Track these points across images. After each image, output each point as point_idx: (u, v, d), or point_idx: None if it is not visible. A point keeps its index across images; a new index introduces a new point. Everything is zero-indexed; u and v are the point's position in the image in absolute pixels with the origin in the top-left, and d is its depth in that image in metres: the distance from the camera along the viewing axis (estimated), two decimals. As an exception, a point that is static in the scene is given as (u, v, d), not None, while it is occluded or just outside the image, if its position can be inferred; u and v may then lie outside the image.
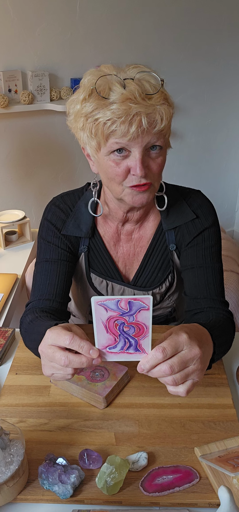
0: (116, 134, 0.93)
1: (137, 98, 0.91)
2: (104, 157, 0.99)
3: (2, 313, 1.40)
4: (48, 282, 1.12)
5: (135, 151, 0.95)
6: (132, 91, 0.91)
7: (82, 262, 1.19)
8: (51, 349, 0.80)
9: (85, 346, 0.77)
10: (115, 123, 0.92)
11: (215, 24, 2.93)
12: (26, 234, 1.94)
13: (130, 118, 0.91)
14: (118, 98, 0.91)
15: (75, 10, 2.45)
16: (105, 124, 0.93)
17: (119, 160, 0.97)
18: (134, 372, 1.05)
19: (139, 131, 0.92)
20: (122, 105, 0.90)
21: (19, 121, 2.47)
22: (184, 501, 0.77)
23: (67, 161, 2.71)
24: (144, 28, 2.69)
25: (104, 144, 0.96)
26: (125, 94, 0.91)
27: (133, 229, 1.17)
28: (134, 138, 0.93)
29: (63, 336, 0.78)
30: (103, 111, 0.93)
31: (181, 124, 3.07)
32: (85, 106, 0.96)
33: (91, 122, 0.96)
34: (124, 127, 0.91)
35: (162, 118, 0.94)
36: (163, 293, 1.22)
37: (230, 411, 0.95)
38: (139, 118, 0.91)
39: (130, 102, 0.91)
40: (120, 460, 0.79)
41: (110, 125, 0.93)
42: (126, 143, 0.94)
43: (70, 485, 0.77)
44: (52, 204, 1.19)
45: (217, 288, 1.12)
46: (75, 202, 1.18)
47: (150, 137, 0.94)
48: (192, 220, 1.14)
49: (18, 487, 0.78)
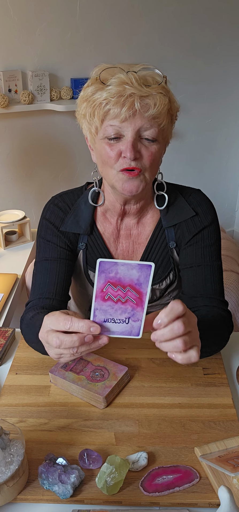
0: (109, 115, 0.98)
1: (133, 83, 0.95)
2: (100, 140, 1.02)
3: (2, 313, 1.40)
4: (48, 281, 1.12)
5: (127, 134, 0.98)
6: (130, 77, 0.95)
7: (80, 259, 1.20)
8: (47, 333, 0.81)
9: (85, 326, 0.77)
10: (110, 103, 0.96)
11: (215, 24, 2.93)
12: (26, 234, 1.94)
13: (123, 99, 0.95)
14: (115, 82, 0.96)
15: (75, 10, 2.45)
16: (101, 104, 0.98)
17: (113, 143, 1.00)
18: (134, 372, 1.05)
19: (130, 112, 0.96)
20: (117, 86, 0.95)
21: (19, 121, 2.47)
22: (184, 501, 0.77)
23: (67, 161, 2.71)
24: (144, 28, 2.69)
25: (100, 126, 1.01)
26: (122, 78, 0.95)
27: (132, 225, 1.17)
28: (126, 119, 0.97)
29: (62, 320, 0.79)
30: (100, 93, 0.98)
31: (181, 124, 3.06)
32: (86, 91, 1.01)
33: (90, 105, 1.00)
34: (116, 107, 0.96)
35: (155, 104, 0.97)
36: (163, 290, 1.22)
37: (230, 411, 0.95)
38: (132, 99, 0.95)
39: (125, 85, 0.95)
40: (120, 460, 0.79)
41: (104, 105, 0.97)
42: (119, 125, 0.98)
43: (70, 485, 0.77)
44: (51, 203, 1.19)
45: (215, 286, 1.11)
46: (74, 201, 1.18)
47: (143, 122, 0.97)
48: (192, 218, 1.15)
49: (18, 487, 0.78)
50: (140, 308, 0.78)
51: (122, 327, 0.79)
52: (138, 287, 0.77)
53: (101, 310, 0.78)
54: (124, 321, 0.79)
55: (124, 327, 0.79)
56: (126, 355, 1.10)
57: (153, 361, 1.09)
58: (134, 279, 0.76)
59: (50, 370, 1.02)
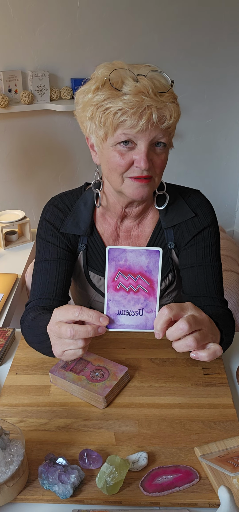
0: (125, 125, 0.96)
1: (150, 92, 0.94)
2: (110, 147, 1.00)
3: (2, 313, 1.40)
4: (48, 281, 1.12)
5: (141, 144, 0.97)
6: (145, 85, 0.94)
7: (80, 261, 1.20)
8: (58, 324, 0.82)
9: (94, 314, 0.79)
10: (126, 114, 0.94)
11: (215, 24, 2.93)
12: (26, 234, 1.94)
13: (141, 111, 0.93)
14: (131, 90, 0.93)
15: (75, 10, 2.45)
16: (116, 113, 0.95)
17: (125, 151, 0.99)
18: (134, 372, 1.05)
19: (148, 124, 0.95)
20: (134, 97, 0.93)
21: (19, 121, 2.47)
22: (184, 501, 0.77)
23: (67, 161, 2.72)
24: (144, 28, 2.69)
25: (112, 134, 0.98)
26: (138, 87, 0.93)
27: (131, 226, 1.17)
28: (142, 131, 0.95)
29: (71, 309, 0.80)
30: (115, 101, 0.95)
31: (181, 124, 3.03)
32: (97, 95, 0.98)
33: (101, 111, 0.98)
34: (134, 118, 0.94)
35: (170, 115, 0.97)
36: (162, 290, 1.22)
37: (230, 411, 0.95)
38: (149, 111, 0.94)
39: (142, 95, 0.93)
40: (120, 460, 0.79)
41: (120, 115, 0.95)
42: (134, 135, 0.96)
43: (70, 485, 0.77)
44: (51, 204, 1.19)
45: (216, 286, 1.12)
46: (73, 202, 1.18)
47: (157, 132, 0.97)
48: (192, 219, 1.15)
49: (18, 487, 0.78)
50: (153, 297, 0.79)
51: (136, 320, 0.80)
52: (148, 274, 0.77)
53: (114, 301, 0.79)
54: (138, 313, 0.79)
55: (138, 319, 0.80)
56: (126, 355, 1.10)
57: (153, 361, 1.09)
58: (144, 266, 0.77)
59: (50, 370, 1.02)
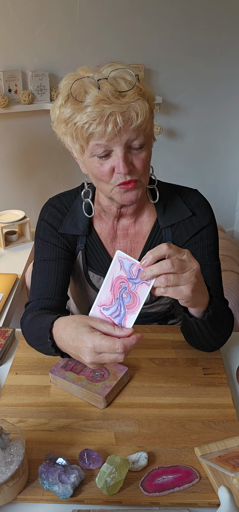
0: (94, 136, 0.96)
1: (110, 98, 0.92)
2: (89, 159, 1.01)
3: (2, 313, 1.40)
4: (47, 281, 1.12)
5: (116, 150, 0.97)
6: (104, 92, 0.92)
7: (79, 260, 1.20)
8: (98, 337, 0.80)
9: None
10: (92, 125, 0.94)
11: (215, 24, 2.93)
12: (26, 234, 1.94)
13: (105, 119, 0.92)
14: (92, 101, 0.93)
15: (75, 10, 2.45)
16: (83, 127, 0.95)
17: (102, 161, 0.99)
18: (134, 372, 1.05)
19: (115, 130, 0.93)
20: (95, 107, 0.92)
21: (19, 121, 2.47)
22: (184, 501, 0.77)
23: (67, 161, 2.71)
24: (144, 28, 2.69)
25: (86, 146, 0.99)
26: (98, 96, 0.92)
27: (128, 224, 1.17)
28: (112, 138, 0.95)
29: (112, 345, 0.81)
30: (80, 115, 0.95)
31: (181, 124, 3.07)
32: (63, 112, 0.99)
33: (71, 126, 0.98)
34: (100, 128, 0.93)
35: (137, 114, 0.95)
36: None
37: (230, 411, 0.95)
38: (113, 117, 0.92)
39: (103, 103, 0.92)
40: (120, 460, 0.79)
41: (87, 128, 0.95)
42: (106, 143, 0.96)
43: (70, 485, 0.77)
44: (49, 205, 1.19)
45: (216, 286, 1.12)
46: (71, 202, 1.19)
47: (128, 135, 0.96)
48: (190, 218, 1.15)
49: (18, 487, 0.78)
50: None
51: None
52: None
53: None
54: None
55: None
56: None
57: (153, 361, 1.09)
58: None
59: (50, 370, 1.02)
